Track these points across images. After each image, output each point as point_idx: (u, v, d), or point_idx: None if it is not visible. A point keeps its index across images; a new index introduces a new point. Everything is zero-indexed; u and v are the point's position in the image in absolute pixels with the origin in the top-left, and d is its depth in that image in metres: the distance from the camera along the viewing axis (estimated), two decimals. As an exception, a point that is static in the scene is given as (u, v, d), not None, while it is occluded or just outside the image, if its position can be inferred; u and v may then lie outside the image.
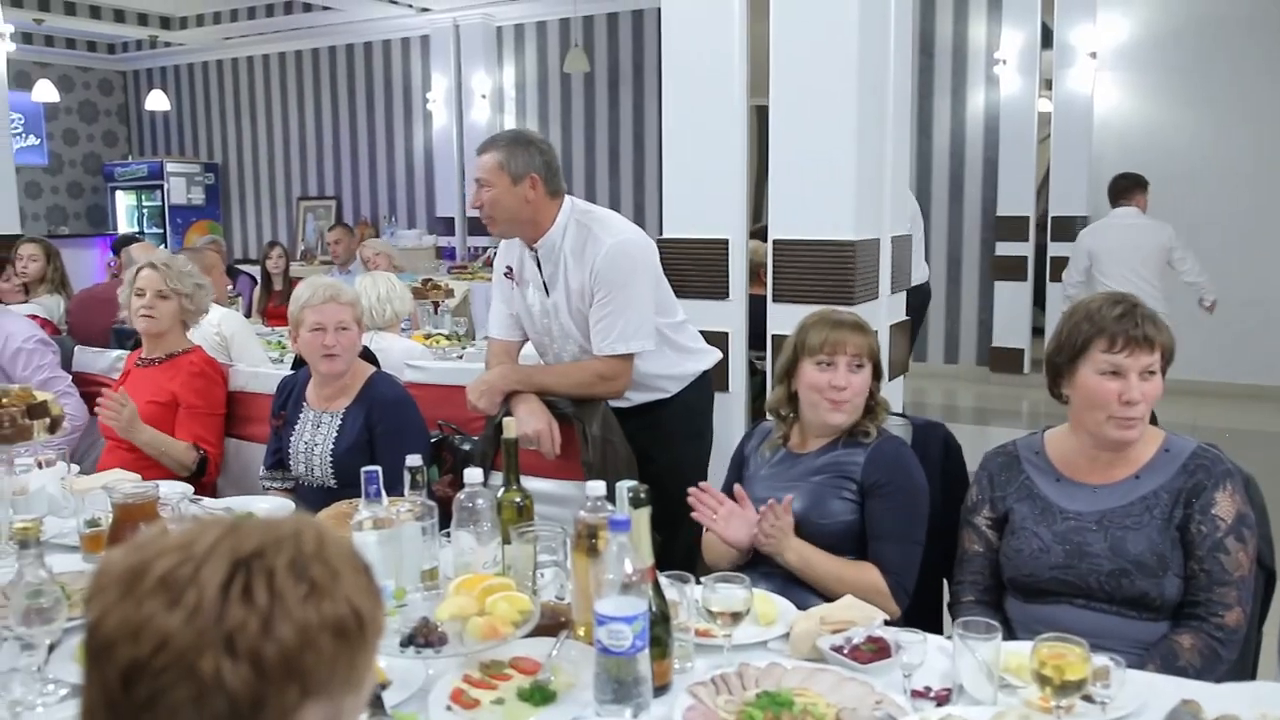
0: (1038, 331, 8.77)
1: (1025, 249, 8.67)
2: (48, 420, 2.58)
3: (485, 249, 9.99)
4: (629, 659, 1.54)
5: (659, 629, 1.65)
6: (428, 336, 4.85)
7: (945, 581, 2.39)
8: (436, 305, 5.57)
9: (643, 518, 1.66)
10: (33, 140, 12.17)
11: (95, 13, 10.97)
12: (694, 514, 2.28)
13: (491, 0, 10.08)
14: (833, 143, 3.37)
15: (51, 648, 1.76)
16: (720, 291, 3.60)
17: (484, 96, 10.49)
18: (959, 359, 9.09)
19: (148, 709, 0.80)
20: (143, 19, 11.41)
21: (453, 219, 10.74)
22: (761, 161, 3.75)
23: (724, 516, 2.25)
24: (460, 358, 4.48)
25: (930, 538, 2.30)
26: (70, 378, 3.91)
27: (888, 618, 1.90)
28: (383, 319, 4.18)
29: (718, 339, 3.42)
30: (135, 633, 0.80)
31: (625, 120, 10.09)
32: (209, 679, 0.80)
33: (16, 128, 11.26)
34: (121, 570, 0.84)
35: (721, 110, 3.54)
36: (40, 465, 2.77)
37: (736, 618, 1.76)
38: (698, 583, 1.84)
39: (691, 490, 2.30)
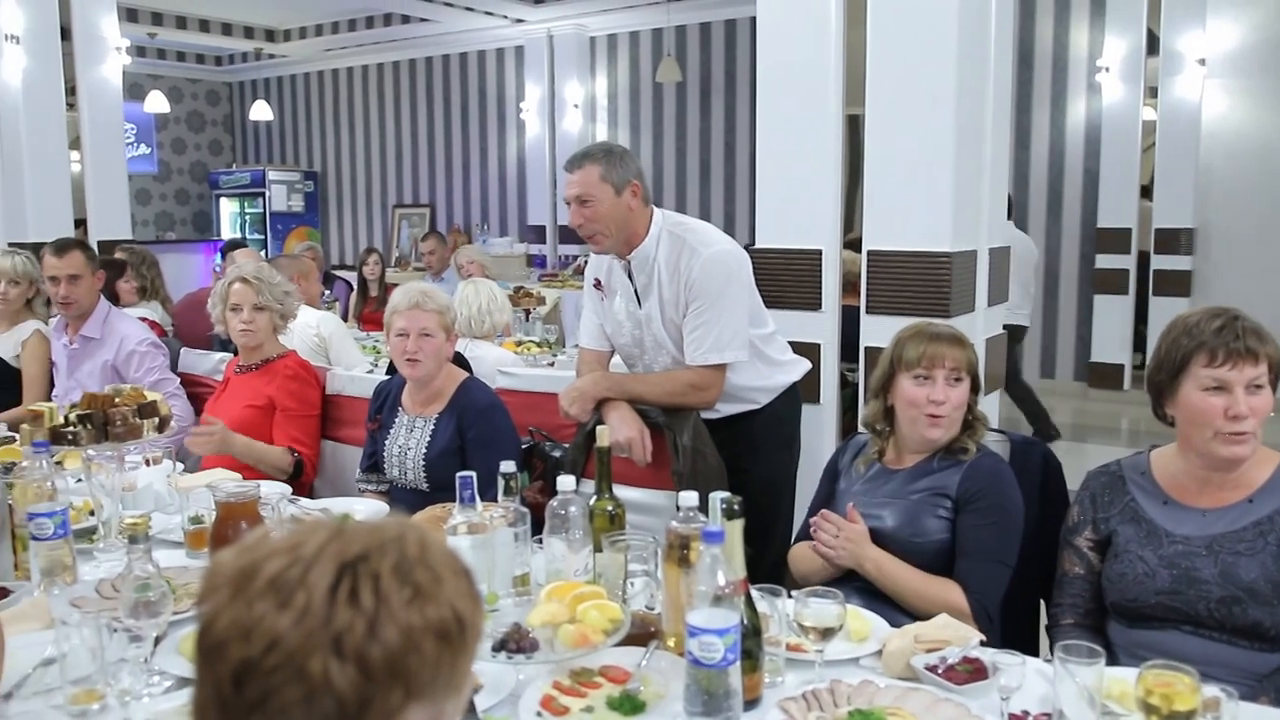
0: (1139, 347, 8.51)
1: (1127, 262, 8.42)
2: (157, 420, 2.67)
3: (576, 257, 10.07)
4: (720, 672, 1.52)
5: (750, 642, 1.64)
6: (519, 344, 4.89)
7: (1043, 603, 2.33)
8: (528, 313, 5.62)
9: (736, 530, 1.64)
10: (144, 149, 12.63)
11: (205, 26, 11.37)
12: (814, 543, 2.26)
13: (585, 11, 10.16)
14: (929, 152, 3.32)
15: (157, 640, 1.81)
16: (812, 302, 3.57)
17: (576, 106, 10.58)
18: (1055, 374, 8.86)
19: (258, 708, 0.82)
20: (249, 32, 11.79)
21: (544, 227, 10.85)
22: (852, 171, 3.71)
23: (842, 542, 2.23)
24: (551, 365, 4.51)
25: (1028, 558, 2.24)
26: (178, 380, 4.04)
27: (984, 638, 1.86)
28: (481, 330, 4.24)
29: (809, 350, 3.39)
30: (246, 633, 0.82)
31: (717, 129, 10.08)
32: (318, 680, 0.81)
33: (129, 137, 11.69)
34: (232, 571, 0.86)
35: (816, 119, 3.51)
36: (148, 463, 2.87)
37: (829, 633, 1.74)
38: (788, 596, 1.82)
39: (813, 520, 2.28)
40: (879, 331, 3.28)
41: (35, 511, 2.18)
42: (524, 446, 3.04)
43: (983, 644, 1.82)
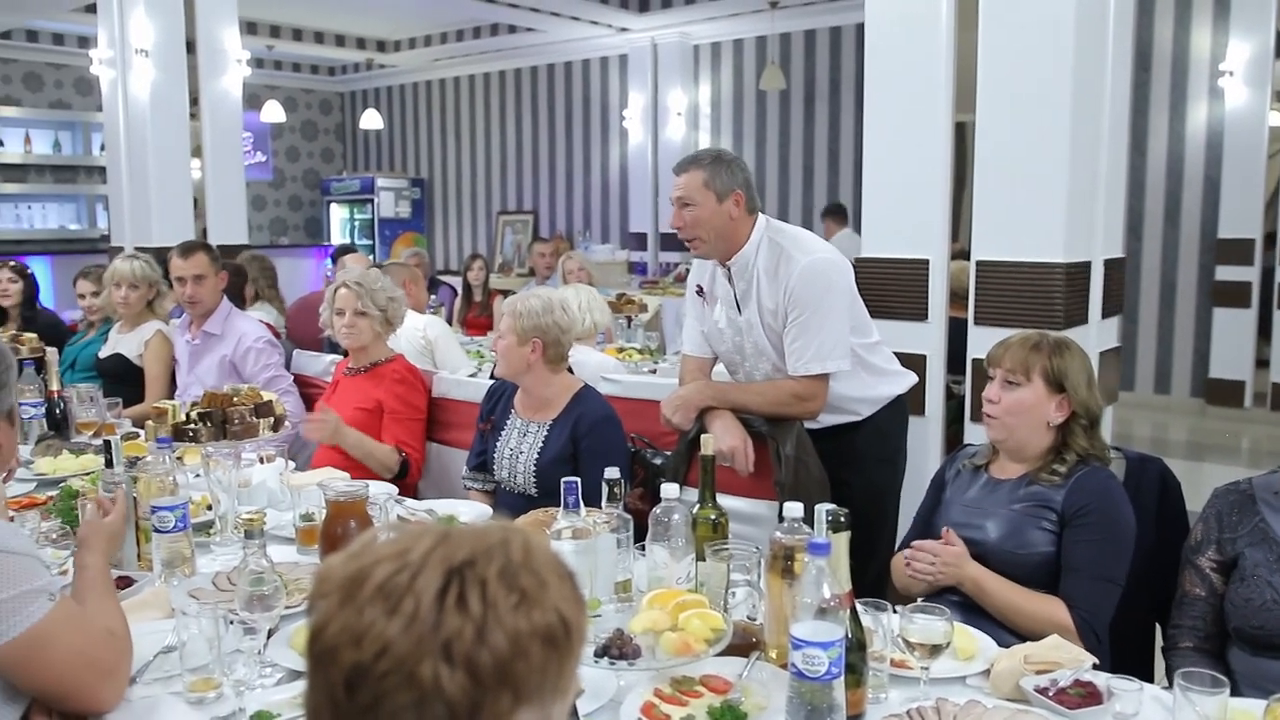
0: (1262, 363, 8.15)
1: (1250, 274, 8.06)
2: (272, 419, 2.76)
3: (676, 264, 10.08)
4: (824, 686, 1.51)
5: (855, 657, 1.62)
6: (620, 350, 4.91)
7: (1158, 626, 2.25)
8: (629, 320, 5.64)
9: (842, 542, 1.63)
10: (260, 157, 13.06)
11: (319, 38, 11.72)
12: (910, 571, 2.22)
13: (689, 19, 10.18)
14: (1042, 159, 3.23)
15: (270, 633, 1.87)
16: (919, 313, 3.51)
17: (679, 114, 10.60)
18: (1171, 389, 8.54)
19: (370, 712, 0.83)
20: (361, 43, 12.11)
21: (645, 234, 10.90)
22: (958, 179, 3.64)
23: (939, 567, 2.19)
24: (653, 372, 4.52)
25: (1141, 578, 2.17)
26: (292, 378, 4.17)
27: (1097, 661, 1.80)
28: (580, 328, 4.27)
29: (915, 361, 3.33)
30: (357, 639, 0.83)
31: (820, 137, 10.00)
32: (428, 685, 0.82)
33: (246, 145, 12.11)
34: (341, 578, 0.87)
35: (925, 126, 3.46)
36: (262, 460, 2.96)
37: (935, 650, 1.70)
38: (893, 611, 1.79)
39: (907, 553, 2.26)
40: (987, 343, 3.19)
41: (158, 505, 2.27)
42: (629, 455, 3.04)
43: (1095, 667, 1.76)
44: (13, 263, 5.57)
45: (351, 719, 0.84)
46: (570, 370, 3.29)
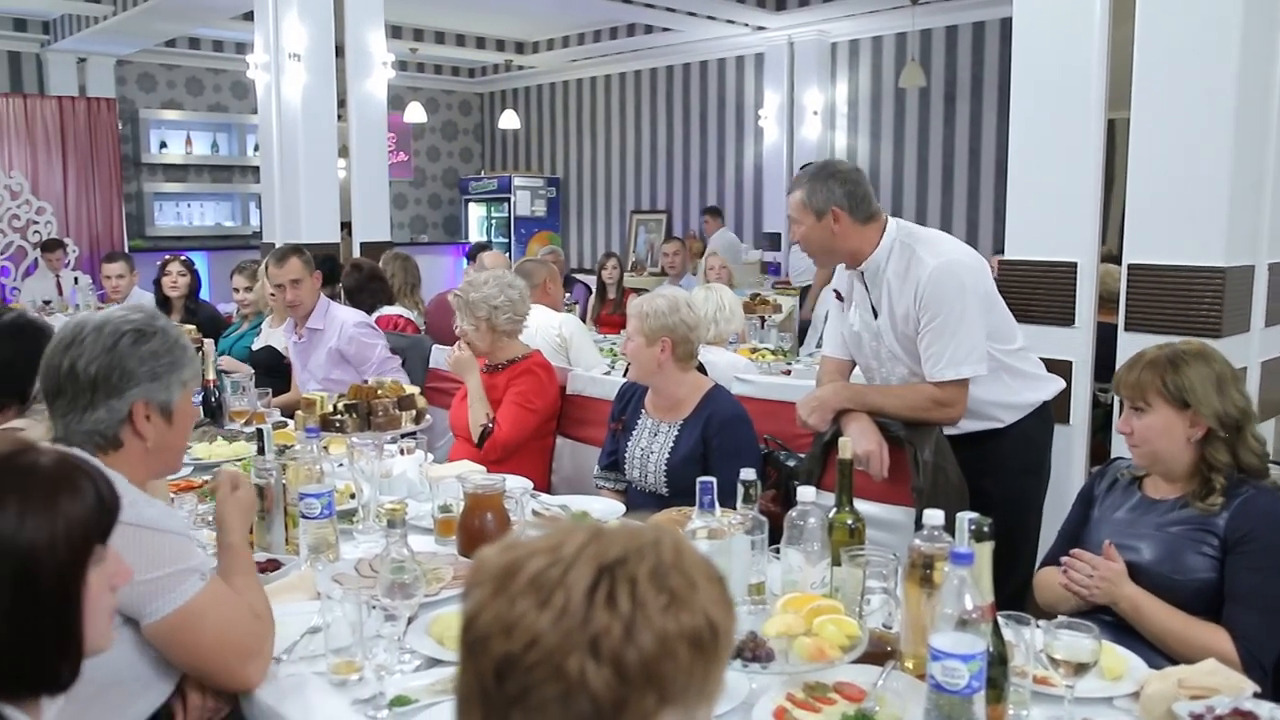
0: None
1: None
2: (414, 412, 2.83)
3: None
4: (964, 699, 1.47)
5: (996, 671, 1.56)
6: (754, 350, 4.88)
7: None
8: (763, 320, 5.60)
9: (985, 552, 1.58)
10: (401, 157, 13.45)
11: (460, 40, 12.01)
12: (1065, 581, 2.15)
13: (827, 17, 10.05)
14: (1204, 157, 3.08)
15: (410, 620, 1.92)
16: (1065, 318, 3.38)
17: (815, 113, 10.48)
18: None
19: (518, 702, 0.84)
20: (500, 45, 12.36)
21: (779, 234, 10.81)
22: (1106, 179, 3.50)
23: (1097, 581, 2.10)
24: (787, 373, 4.48)
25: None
26: (400, 360, 4.31)
27: (1259, 689, 1.70)
28: (709, 337, 4.26)
29: (1060, 368, 3.21)
30: (508, 629, 0.85)
31: (961, 135, 9.75)
32: (575, 679, 0.83)
33: (389, 145, 12.50)
34: (496, 568, 0.89)
35: (1075, 123, 3.33)
36: (402, 452, 3.04)
37: (1081, 669, 1.64)
38: (1036, 626, 1.73)
39: (1065, 560, 2.17)
40: (1138, 350, 3.08)
41: (305, 492, 2.36)
42: (760, 456, 3.02)
43: (1257, 695, 1.67)
44: (182, 257, 5.88)
45: (500, 707, 0.86)
46: (703, 369, 3.28)
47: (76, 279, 8.90)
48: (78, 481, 1.19)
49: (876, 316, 2.82)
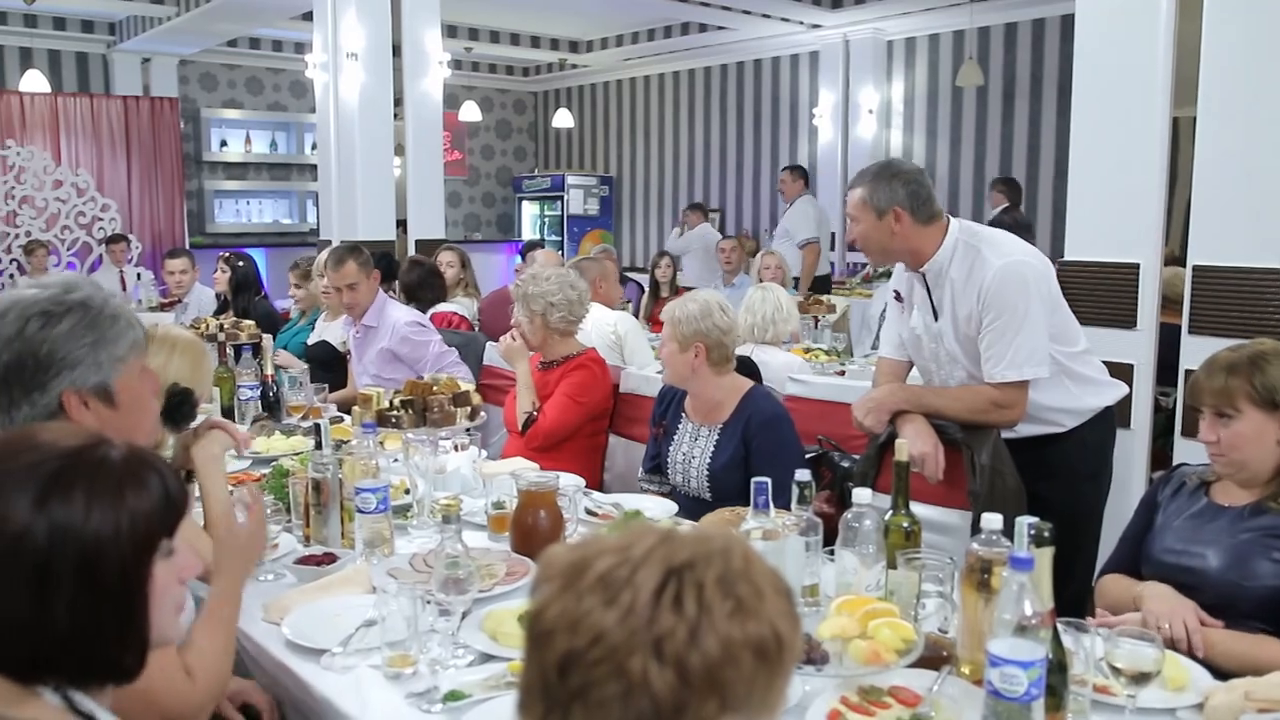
0: None
1: None
2: (469, 409, 2.85)
3: (864, 265, 9.89)
4: (1022, 706, 1.45)
5: (1055, 678, 1.54)
6: (807, 351, 4.86)
7: None
8: (817, 320, 5.57)
9: (1046, 558, 1.55)
10: (456, 155, 13.55)
11: (515, 39, 12.07)
12: (1155, 627, 2.06)
13: (883, 14, 9.96)
14: (1273, 156, 3.02)
15: (463, 615, 1.93)
16: (1127, 320, 3.33)
17: (871, 111, 10.39)
18: None
19: (579, 697, 0.85)
20: (554, 44, 12.40)
21: (833, 234, 10.73)
22: (1170, 179, 3.44)
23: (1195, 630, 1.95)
24: (842, 374, 4.45)
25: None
26: (457, 352, 4.34)
27: (1330, 703, 1.66)
28: (764, 337, 4.25)
29: (1121, 371, 3.16)
30: (573, 625, 0.86)
31: (1019, 135, 9.61)
32: (637, 679, 0.83)
33: (445, 144, 12.62)
34: (565, 564, 0.89)
35: (1139, 122, 3.28)
36: (457, 448, 3.07)
37: (1143, 678, 1.60)
38: (1097, 634, 1.70)
39: (1155, 611, 1.99)
40: (1203, 353, 3.00)
41: (361, 487, 2.38)
42: (812, 455, 3.00)
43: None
44: (226, 253, 5.98)
45: (561, 702, 0.86)
46: (757, 370, 3.27)
47: (139, 275, 9.08)
48: (145, 475, 1.20)
49: (937, 318, 2.79)
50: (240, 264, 5.93)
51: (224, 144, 12.11)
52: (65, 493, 1.14)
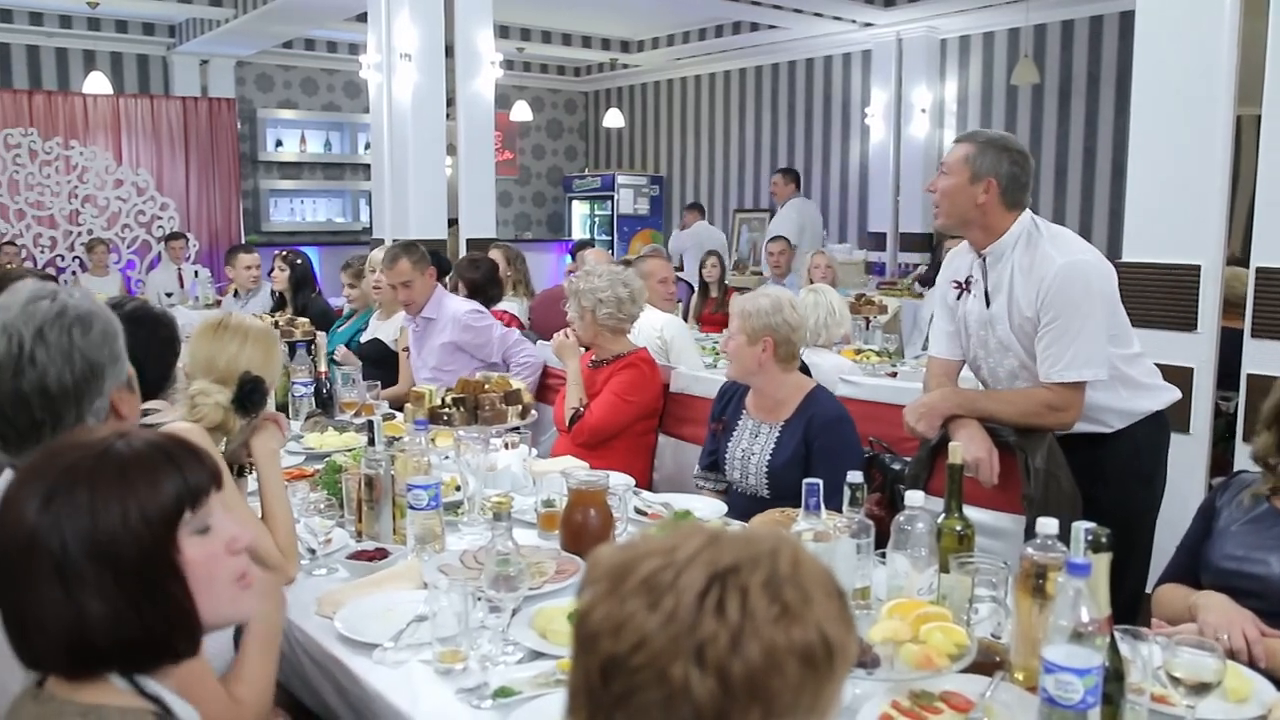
0: None
1: None
2: (520, 407, 2.87)
3: (916, 265, 9.80)
4: (1077, 714, 1.43)
5: (1111, 687, 1.52)
6: (858, 352, 4.82)
7: None
8: (868, 321, 5.53)
9: (1103, 564, 1.53)
10: (507, 155, 13.63)
11: (567, 39, 12.11)
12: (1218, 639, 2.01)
13: (937, 12, 9.86)
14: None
15: (513, 613, 1.94)
16: (1186, 323, 3.27)
17: (924, 110, 10.30)
18: None
19: (622, 703, 0.84)
20: (606, 44, 12.43)
21: (884, 234, 10.65)
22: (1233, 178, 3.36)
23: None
24: (893, 375, 4.41)
25: None
26: (518, 332, 4.38)
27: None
28: (817, 342, 4.22)
29: (1179, 375, 3.10)
30: (617, 629, 0.85)
31: (1075, 134, 9.46)
32: (678, 685, 0.82)
33: (496, 144, 12.69)
34: (610, 566, 0.88)
35: (1201, 120, 3.22)
36: (507, 446, 3.08)
37: (1203, 689, 1.57)
38: (1154, 642, 1.67)
39: (1213, 623, 1.92)
40: (1267, 358, 2.96)
41: (413, 483, 2.40)
42: (863, 457, 2.98)
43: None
44: (283, 251, 6.06)
45: (605, 706, 0.85)
46: (807, 371, 3.25)
47: (196, 272, 9.24)
48: (154, 460, 1.21)
49: (990, 304, 2.75)
50: (298, 261, 6.01)
51: (279, 144, 12.28)
52: (69, 490, 1.16)
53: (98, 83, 10.18)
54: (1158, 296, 3.30)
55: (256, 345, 2.33)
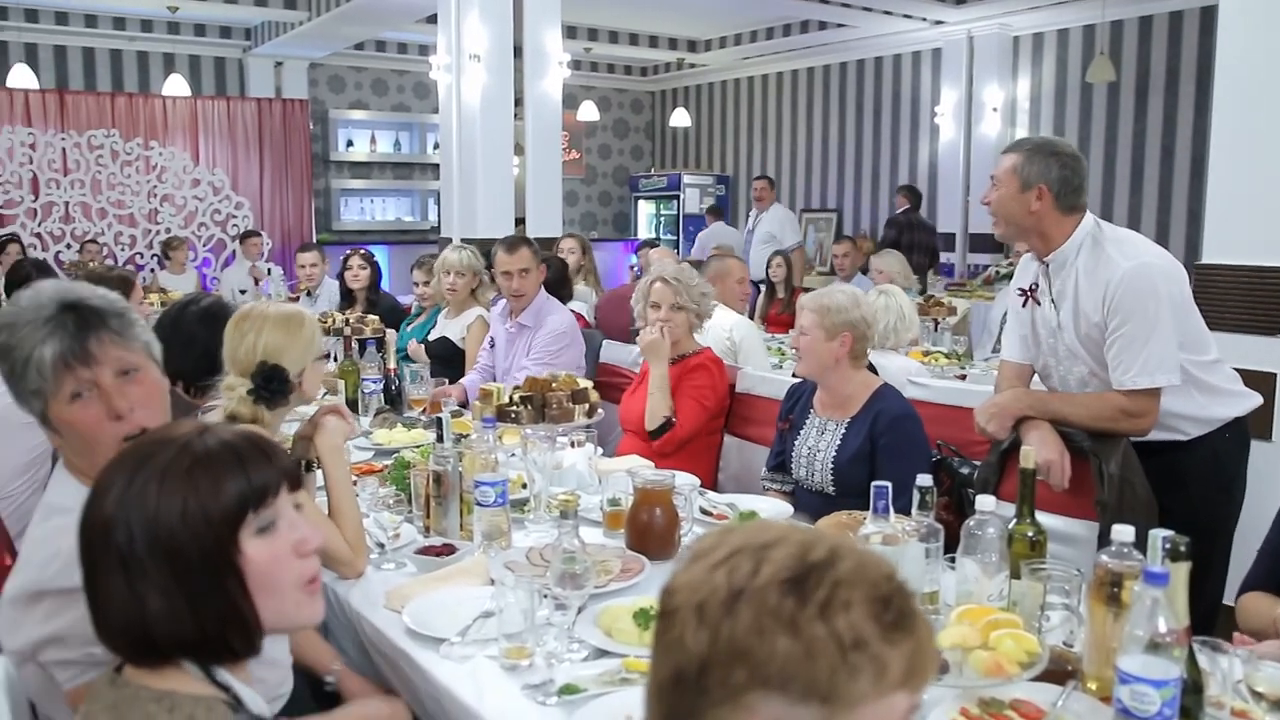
0: None
1: None
2: (587, 405, 2.88)
3: (985, 266, 9.66)
4: (1154, 727, 1.39)
5: (1189, 700, 1.48)
6: (926, 354, 4.75)
7: None
8: (937, 323, 5.45)
9: (1181, 573, 1.49)
10: (574, 154, 13.70)
11: (634, 39, 12.14)
12: None
13: (1010, 9, 9.70)
14: None
15: (579, 610, 1.94)
16: (1269, 326, 3.18)
17: (995, 109, 10.14)
18: None
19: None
20: (673, 43, 12.43)
21: (954, 235, 10.51)
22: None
23: None
24: (963, 378, 4.34)
25: None
26: (581, 362, 4.34)
27: None
28: (885, 345, 4.17)
29: (1261, 380, 3.02)
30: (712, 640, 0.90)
31: (1152, 132, 9.24)
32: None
33: (563, 144, 12.76)
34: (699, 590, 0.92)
35: (1288, 119, 3.12)
36: (573, 445, 3.09)
37: (1286, 703, 1.53)
38: (1235, 654, 1.63)
39: None
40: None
41: (481, 480, 2.42)
42: (931, 461, 2.95)
43: None
44: (363, 250, 6.16)
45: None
46: (873, 369, 3.22)
47: (270, 269, 9.42)
48: (221, 457, 1.22)
49: (1057, 312, 2.71)
50: (375, 261, 6.13)
51: (350, 144, 12.49)
52: (143, 483, 1.18)
53: (176, 85, 10.44)
54: (1239, 299, 3.21)
55: (276, 329, 2.33)
